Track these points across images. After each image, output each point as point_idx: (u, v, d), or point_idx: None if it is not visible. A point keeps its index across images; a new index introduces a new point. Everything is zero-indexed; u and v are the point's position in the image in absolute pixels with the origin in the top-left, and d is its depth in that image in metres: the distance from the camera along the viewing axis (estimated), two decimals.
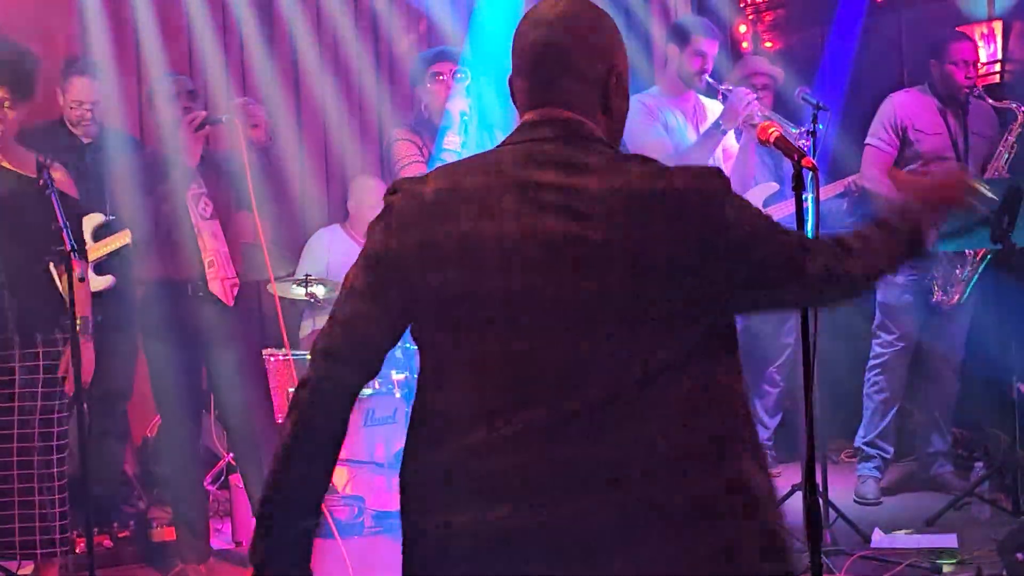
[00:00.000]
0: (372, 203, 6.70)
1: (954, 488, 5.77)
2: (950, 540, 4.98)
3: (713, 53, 5.59)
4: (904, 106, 5.77)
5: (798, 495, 4.91)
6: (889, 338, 5.85)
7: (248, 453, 5.04)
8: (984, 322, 5.81)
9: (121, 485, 5.73)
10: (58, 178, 4.29)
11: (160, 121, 4.97)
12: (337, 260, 6.68)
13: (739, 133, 5.58)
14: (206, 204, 4.89)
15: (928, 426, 6.02)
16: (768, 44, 7.86)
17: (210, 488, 5.96)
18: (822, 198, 5.52)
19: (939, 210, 2.42)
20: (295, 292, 6.38)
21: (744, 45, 7.88)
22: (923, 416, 6.08)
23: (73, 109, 5.43)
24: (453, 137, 5.03)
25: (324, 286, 6.44)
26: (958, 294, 5.68)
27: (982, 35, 6.66)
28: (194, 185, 4.86)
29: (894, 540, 5.00)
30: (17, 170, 4.36)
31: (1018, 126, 5.64)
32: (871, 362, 5.93)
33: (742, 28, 7.92)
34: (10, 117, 4.38)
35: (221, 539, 5.47)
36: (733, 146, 5.62)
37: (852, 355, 6.26)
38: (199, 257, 4.88)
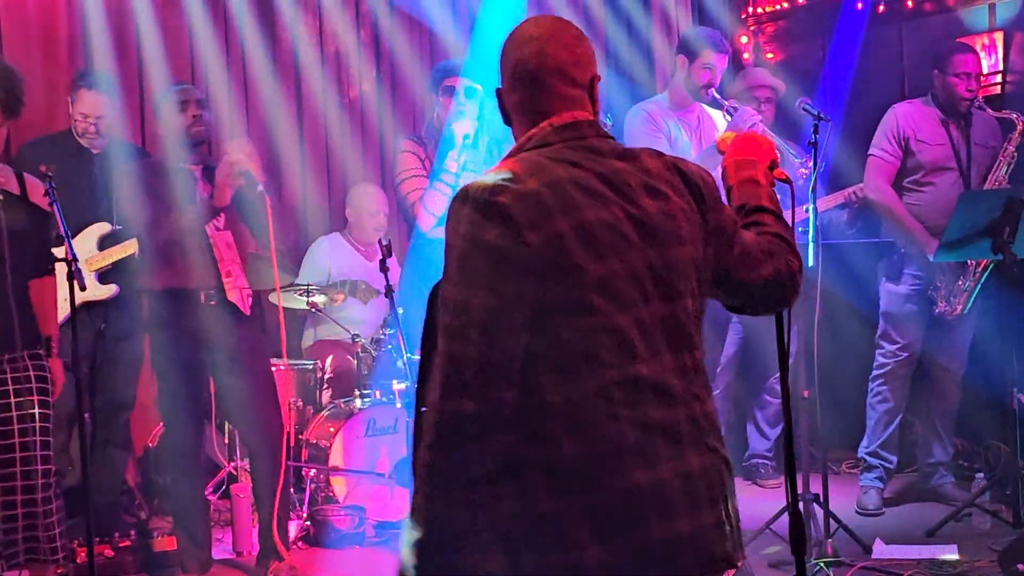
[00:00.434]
0: (371, 210, 6.71)
1: (955, 499, 5.77)
2: (951, 551, 4.97)
3: (722, 67, 5.62)
4: (907, 117, 5.78)
5: (798, 505, 4.90)
6: (892, 348, 5.85)
7: (261, 460, 5.03)
8: (985, 333, 5.81)
9: (122, 495, 5.73)
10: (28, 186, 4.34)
11: (164, 132, 4.96)
12: (338, 268, 6.69)
13: None
14: (220, 216, 4.91)
15: (929, 437, 6.02)
16: (769, 55, 7.87)
17: (211, 498, 5.96)
18: (822, 208, 5.55)
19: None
20: (296, 302, 6.39)
21: (745, 56, 7.90)
22: (924, 427, 6.07)
23: (79, 121, 5.45)
24: (452, 161, 5.03)
25: (325, 295, 6.45)
26: (961, 305, 5.68)
27: (983, 46, 6.66)
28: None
29: (895, 551, 4.99)
30: (8, 190, 4.37)
31: (1017, 135, 5.65)
32: (874, 372, 5.93)
33: (743, 39, 7.94)
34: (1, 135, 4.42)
35: (222, 549, 5.46)
36: None
37: (855, 366, 6.26)
38: (214, 266, 4.88)
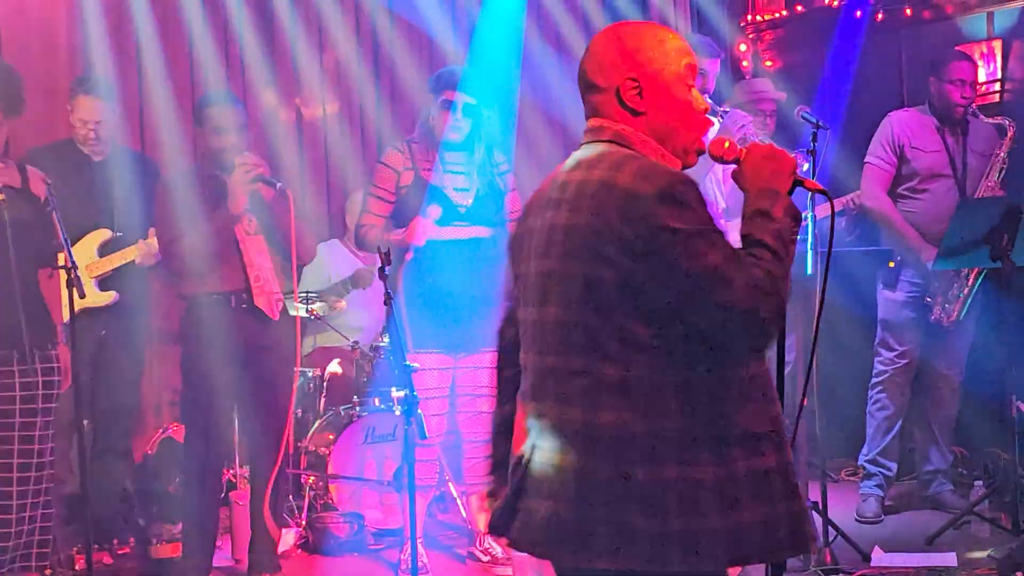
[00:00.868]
0: None
1: (954, 507, 5.76)
2: (950, 559, 4.97)
3: (714, 71, 5.60)
4: (902, 124, 5.80)
5: None
6: (890, 355, 5.86)
7: (261, 465, 5.03)
8: (984, 341, 5.81)
9: (121, 502, 5.72)
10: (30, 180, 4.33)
11: (211, 145, 4.97)
12: (338, 274, 6.70)
13: None
14: (250, 221, 4.92)
15: (928, 444, 6.02)
16: (768, 63, 7.88)
17: None
18: (820, 216, 5.54)
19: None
20: (296, 309, 6.39)
21: (744, 64, 7.91)
22: (923, 434, 6.07)
23: (79, 128, 5.45)
24: (434, 210, 5.06)
25: (325, 303, 6.46)
26: (956, 311, 5.69)
27: (982, 54, 6.68)
28: None
29: (894, 559, 4.99)
30: (10, 184, 4.37)
31: (1009, 141, 5.66)
32: (873, 380, 5.93)
33: (742, 47, 7.95)
34: (2, 133, 4.42)
35: (220, 556, 5.45)
36: None
37: (854, 373, 6.27)
38: (243, 271, 4.91)
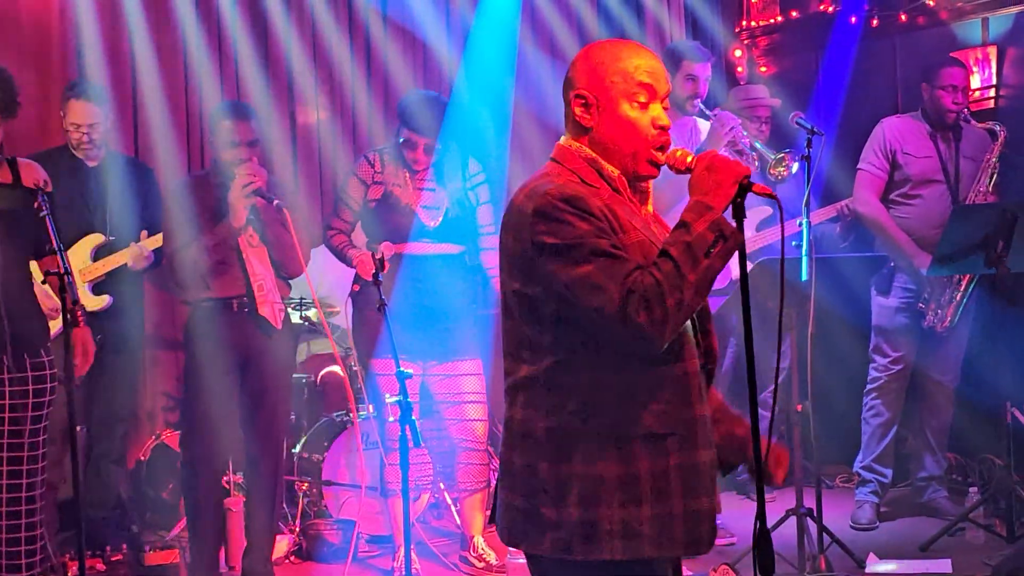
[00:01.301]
0: None
1: (948, 513, 5.76)
2: (944, 566, 4.97)
3: (705, 76, 5.59)
4: (894, 130, 5.81)
5: (792, 520, 4.91)
6: (884, 361, 5.85)
7: (261, 471, 5.02)
8: (979, 347, 5.81)
9: (114, 509, 5.71)
10: (25, 171, 4.29)
11: (212, 151, 4.98)
12: (330, 280, 6.69)
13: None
14: (252, 232, 4.93)
15: (922, 451, 6.02)
16: (763, 69, 7.88)
17: None
18: (815, 222, 5.55)
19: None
20: (290, 316, 6.37)
21: (739, 70, 7.91)
22: (917, 441, 6.07)
23: (71, 132, 5.45)
24: (386, 248, 5.11)
25: (320, 309, 6.43)
26: (949, 317, 5.69)
27: (976, 60, 6.68)
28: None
29: (888, 565, 4.98)
30: (6, 183, 4.35)
31: (999, 145, 5.67)
32: (868, 386, 5.93)
33: (737, 53, 7.95)
34: None
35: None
36: None
37: (848, 379, 6.26)
38: (246, 280, 4.91)
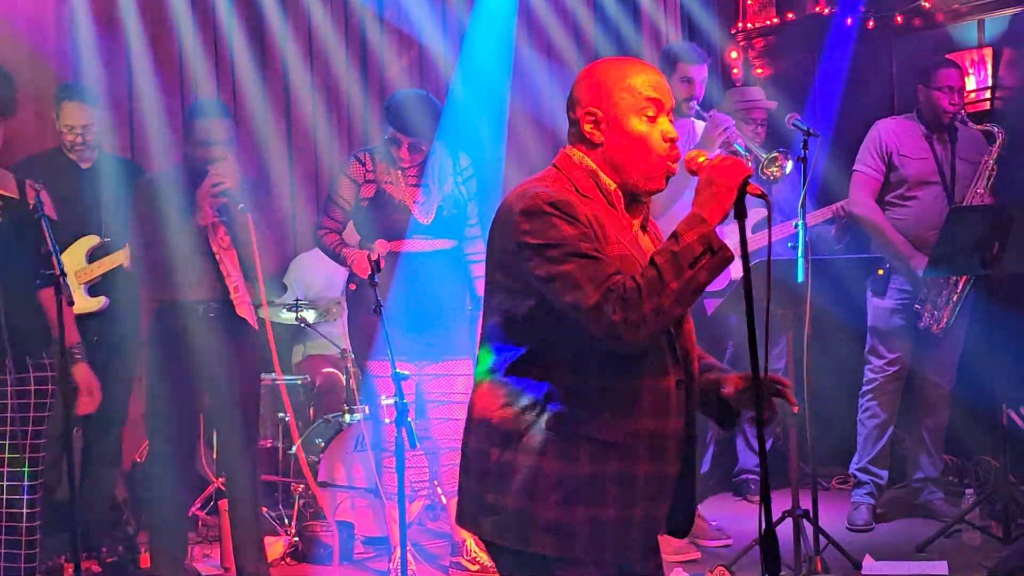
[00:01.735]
0: None
1: (945, 515, 5.76)
2: (941, 567, 4.97)
3: (701, 78, 5.58)
4: (890, 132, 5.81)
5: (788, 521, 4.90)
6: (880, 363, 5.86)
7: (242, 472, 5.01)
8: (975, 348, 5.81)
9: (110, 510, 5.70)
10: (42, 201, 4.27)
11: (196, 156, 4.95)
12: (322, 282, 6.70)
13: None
14: (224, 234, 4.91)
15: (918, 452, 6.02)
16: (759, 70, 7.89)
17: (199, 513, 5.94)
18: (811, 223, 5.55)
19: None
20: (285, 317, 6.38)
21: (735, 71, 7.91)
22: (914, 442, 6.07)
23: (65, 134, 5.44)
24: (381, 245, 5.12)
25: (314, 310, 6.44)
26: (945, 318, 5.69)
27: (972, 62, 6.69)
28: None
29: (884, 567, 4.98)
30: (7, 193, 4.35)
31: (997, 147, 5.67)
32: (863, 387, 5.93)
33: (733, 54, 7.95)
34: None
35: (209, 564, 5.44)
36: None
37: (844, 381, 6.26)
38: (220, 282, 4.89)
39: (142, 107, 6.29)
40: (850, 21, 7.17)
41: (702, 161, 2.60)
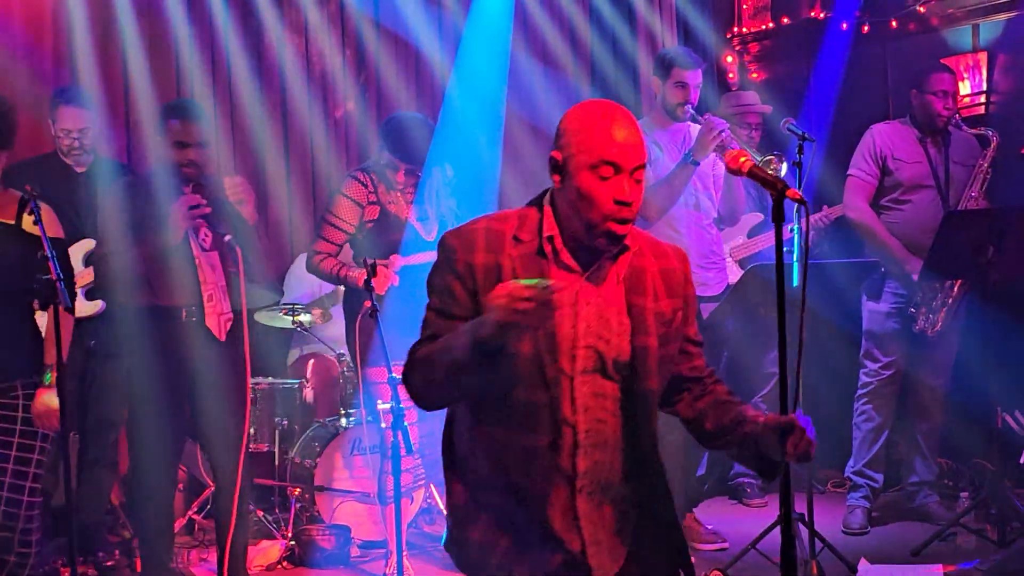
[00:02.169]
0: None
1: (940, 518, 5.77)
2: (936, 571, 4.96)
3: (696, 83, 5.56)
4: (884, 136, 5.82)
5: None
6: (875, 366, 5.86)
7: (224, 482, 4.98)
8: (970, 352, 5.82)
9: (106, 514, 5.69)
10: (45, 220, 4.18)
11: (155, 153, 4.94)
12: (319, 285, 6.70)
13: None
14: (206, 235, 4.87)
15: (913, 456, 6.02)
16: (754, 75, 7.90)
17: (196, 517, 5.94)
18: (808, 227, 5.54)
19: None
20: (282, 320, 6.38)
21: (731, 76, 7.93)
22: (909, 446, 6.07)
23: (62, 138, 5.44)
24: (395, 260, 5.16)
25: (310, 314, 6.45)
26: (940, 322, 5.70)
27: (967, 67, 6.71)
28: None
29: (880, 570, 4.99)
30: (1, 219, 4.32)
31: (991, 151, 5.69)
32: (859, 391, 5.94)
33: (729, 59, 7.97)
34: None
35: (205, 568, 5.44)
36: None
37: (839, 385, 6.27)
38: (197, 287, 4.84)
39: (138, 111, 6.28)
40: (845, 26, 7.19)
41: (743, 161, 2.63)
